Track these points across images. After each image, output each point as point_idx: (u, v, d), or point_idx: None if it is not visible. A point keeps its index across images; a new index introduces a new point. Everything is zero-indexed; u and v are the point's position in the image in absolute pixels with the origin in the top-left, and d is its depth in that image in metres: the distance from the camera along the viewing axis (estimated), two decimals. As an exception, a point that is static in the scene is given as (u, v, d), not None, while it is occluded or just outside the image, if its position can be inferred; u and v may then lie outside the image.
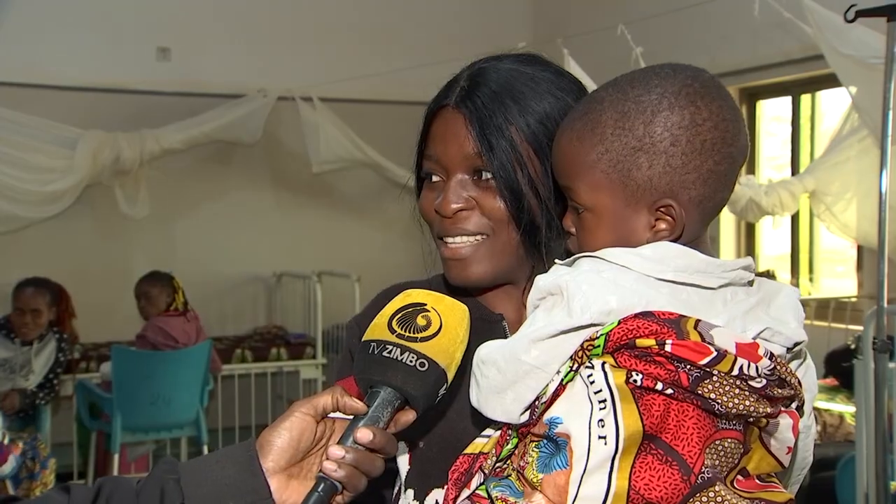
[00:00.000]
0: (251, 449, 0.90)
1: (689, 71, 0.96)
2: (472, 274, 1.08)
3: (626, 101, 0.94)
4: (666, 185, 0.93)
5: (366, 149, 5.88)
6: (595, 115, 0.95)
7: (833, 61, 3.70)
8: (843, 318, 5.00)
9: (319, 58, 6.32)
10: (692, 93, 0.93)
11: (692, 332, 0.87)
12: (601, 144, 0.94)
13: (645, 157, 0.93)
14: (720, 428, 0.88)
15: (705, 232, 0.98)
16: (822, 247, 5.64)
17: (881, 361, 3.04)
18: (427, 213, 1.11)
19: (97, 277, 5.84)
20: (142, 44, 6.06)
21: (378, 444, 0.90)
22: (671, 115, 0.92)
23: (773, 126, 5.96)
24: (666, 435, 0.86)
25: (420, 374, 0.92)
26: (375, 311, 0.99)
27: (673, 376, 0.86)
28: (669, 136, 0.92)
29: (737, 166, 0.96)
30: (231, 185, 6.40)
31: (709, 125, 0.92)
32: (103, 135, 5.17)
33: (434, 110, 1.10)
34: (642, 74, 0.96)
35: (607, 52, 4.52)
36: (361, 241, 6.55)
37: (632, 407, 0.86)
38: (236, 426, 5.55)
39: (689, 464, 0.86)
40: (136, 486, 0.89)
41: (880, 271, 3.06)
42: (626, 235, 0.95)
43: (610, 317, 0.89)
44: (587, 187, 0.96)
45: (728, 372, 0.86)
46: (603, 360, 0.88)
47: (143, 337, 4.73)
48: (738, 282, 0.94)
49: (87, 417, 4.76)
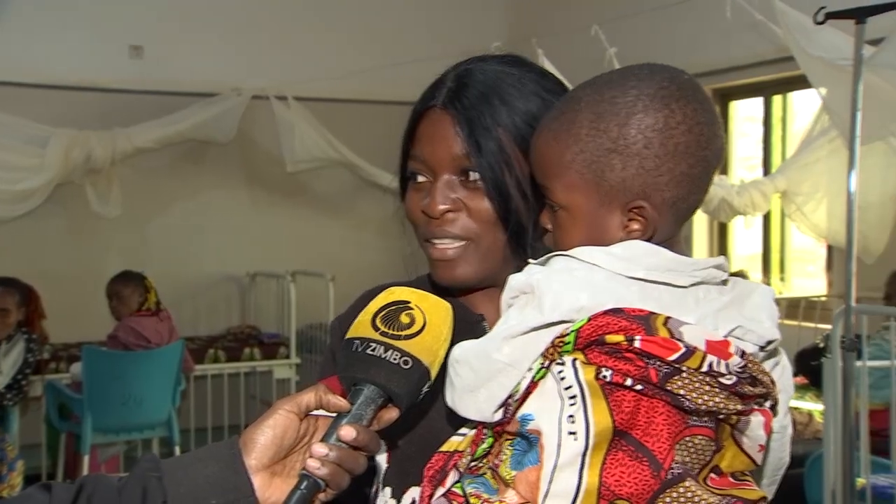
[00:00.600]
0: (234, 446, 0.90)
1: (666, 73, 0.96)
2: (460, 275, 1.08)
3: (601, 102, 0.94)
4: (639, 186, 0.93)
5: (340, 148, 5.87)
6: (571, 116, 0.96)
7: (803, 63, 3.73)
8: (813, 317, 5.05)
9: (294, 57, 6.29)
10: (667, 95, 0.93)
11: (661, 328, 0.87)
12: (576, 145, 0.95)
13: (619, 158, 0.93)
14: (690, 424, 0.88)
15: (679, 232, 0.98)
16: (793, 246, 5.70)
17: (849, 360, 3.08)
18: (413, 214, 1.10)
19: (68, 277, 5.78)
20: (114, 42, 6.01)
21: (361, 441, 0.90)
22: (645, 117, 0.93)
23: (746, 126, 6.01)
24: (636, 431, 0.87)
25: (404, 371, 0.91)
26: (359, 311, 0.99)
27: (642, 372, 0.86)
28: (643, 139, 0.92)
29: (711, 169, 0.96)
30: (205, 185, 6.36)
31: (682, 128, 0.93)
32: (75, 133, 5.12)
33: (421, 111, 1.10)
34: (620, 75, 0.97)
35: (581, 52, 4.53)
36: (336, 241, 6.53)
37: (602, 403, 0.86)
38: (209, 426, 5.52)
39: (658, 459, 0.86)
40: (118, 483, 0.88)
41: (848, 271, 3.09)
42: (599, 234, 0.96)
43: (580, 314, 0.89)
44: (562, 187, 0.97)
45: (697, 368, 0.86)
46: (574, 357, 0.89)
47: (115, 337, 4.69)
48: (710, 280, 0.94)
49: (56, 418, 4.71)
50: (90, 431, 4.43)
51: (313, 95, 5.97)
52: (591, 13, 5.44)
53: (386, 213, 1.19)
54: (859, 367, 3.16)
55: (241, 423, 5.64)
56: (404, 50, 6.26)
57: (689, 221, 1.02)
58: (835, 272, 5.19)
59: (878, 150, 3.96)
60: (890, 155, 4.11)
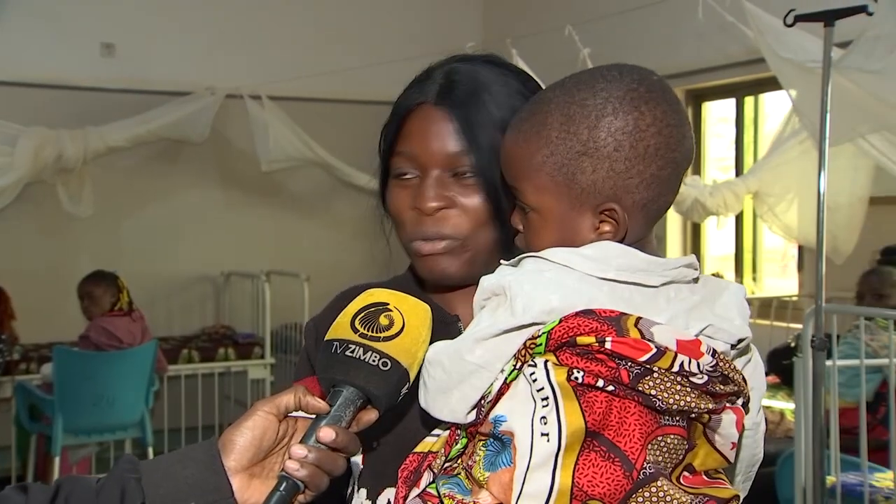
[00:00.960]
0: (213, 448, 0.90)
1: (635, 74, 0.96)
2: (446, 270, 1.07)
3: (571, 105, 0.94)
4: (609, 189, 0.94)
5: (315, 148, 5.85)
6: (541, 117, 0.96)
7: (774, 65, 3.75)
8: (785, 316, 5.11)
9: (268, 56, 6.26)
10: (636, 97, 0.93)
11: (632, 329, 0.88)
12: (547, 147, 0.95)
13: (589, 161, 0.93)
14: (662, 424, 0.89)
15: (650, 232, 0.98)
16: (766, 247, 5.75)
17: (819, 359, 3.11)
18: (399, 211, 1.09)
19: (39, 277, 5.71)
20: (85, 39, 5.93)
21: (340, 443, 0.90)
22: (615, 120, 0.93)
23: (718, 127, 6.06)
24: (608, 431, 0.87)
25: (382, 373, 0.92)
26: (334, 312, 0.99)
27: (614, 373, 0.87)
28: (613, 142, 0.93)
29: (681, 170, 0.96)
30: (178, 184, 6.31)
31: (652, 131, 0.93)
32: (46, 132, 5.05)
33: (410, 107, 1.08)
34: (589, 76, 0.97)
35: (555, 53, 4.55)
36: (311, 241, 6.51)
37: (574, 404, 0.87)
38: (182, 427, 5.47)
39: (630, 460, 0.87)
40: (96, 485, 0.88)
41: (818, 271, 3.12)
42: (570, 236, 0.96)
43: (551, 315, 0.89)
44: (533, 189, 0.97)
45: (668, 368, 0.87)
46: (545, 359, 0.89)
47: (87, 337, 4.64)
48: (680, 279, 0.94)
49: (26, 420, 4.65)
50: (61, 433, 4.38)
51: (288, 95, 5.94)
52: (565, 14, 5.47)
53: (361, 214, 1.18)
54: (829, 367, 3.20)
55: (215, 423, 5.61)
56: (379, 49, 6.25)
57: (662, 222, 1.03)
58: (806, 272, 5.24)
59: (847, 151, 4.00)
60: (858, 156, 4.16)
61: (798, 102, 3.77)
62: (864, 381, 3.27)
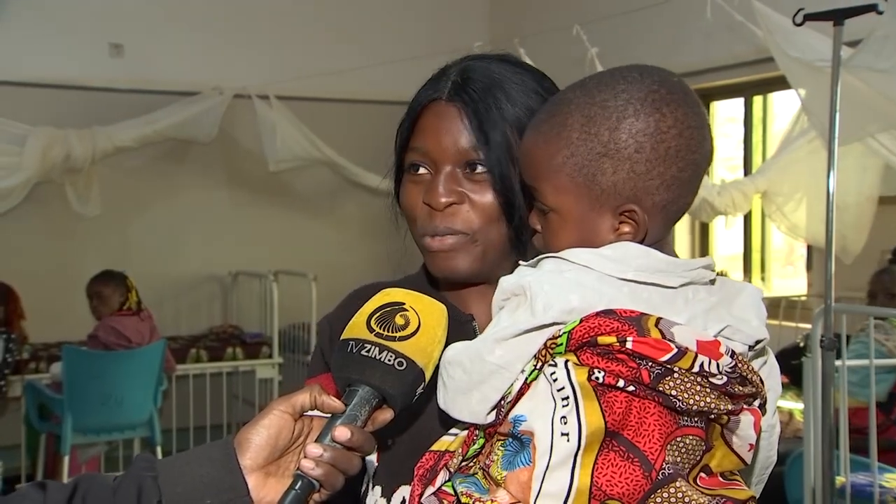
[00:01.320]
0: (229, 446, 0.90)
1: (656, 75, 0.95)
2: (458, 267, 1.07)
3: (592, 106, 0.94)
4: (630, 190, 0.93)
5: (323, 147, 5.85)
6: (562, 118, 0.96)
7: (783, 64, 3.74)
8: (794, 316, 5.09)
9: (276, 56, 6.26)
10: (658, 99, 0.93)
11: (653, 329, 0.88)
12: (567, 148, 0.95)
13: (610, 162, 0.93)
14: (682, 425, 0.89)
15: (669, 234, 0.99)
16: (774, 246, 5.73)
17: (828, 359, 3.10)
18: (412, 206, 1.09)
19: (48, 277, 5.72)
20: (94, 39, 5.94)
21: (356, 442, 0.90)
22: (636, 121, 0.92)
23: (727, 127, 6.04)
24: (628, 431, 0.87)
25: (398, 373, 0.92)
26: (347, 310, 0.99)
27: (634, 373, 0.87)
28: (634, 143, 0.92)
29: (701, 172, 0.96)
30: (186, 184, 6.32)
31: (673, 132, 0.93)
32: (54, 131, 5.06)
33: (424, 103, 1.09)
34: (610, 77, 0.96)
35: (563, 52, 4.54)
36: (318, 240, 6.51)
37: (594, 404, 0.87)
38: (191, 427, 5.48)
39: (650, 460, 0.87)
40: (113, 483, 0.88)
41: (828, 271, 3.11)
42: (590, 237, 0.96)
43: (572, 315, 0.89)
44: (552, 189, 0.96)
45: (689, 369, 0.87)
46: (566, 359, 0.89)
47: (95, 337, 4.65)
48: (699, 280, 0.95)
49: (36, 419, 4.67)
50: (70, 432, 4.39)
51: (295, 94, 5.94)
52: (573, 13, 5.45)
53: (369, 213, 1.19)
54: (839, 367, 3.19)
55: (223, 423, 5.62)
56: (387, 49, 6.25)
57: (671, 221, 1.02)
58: (815, 272, 5.22)
59: (856, 150, 3.99)
60: (868, 156, 4.14)
61: (807, 102, 3.76)
62: (873, 381, 3.25)
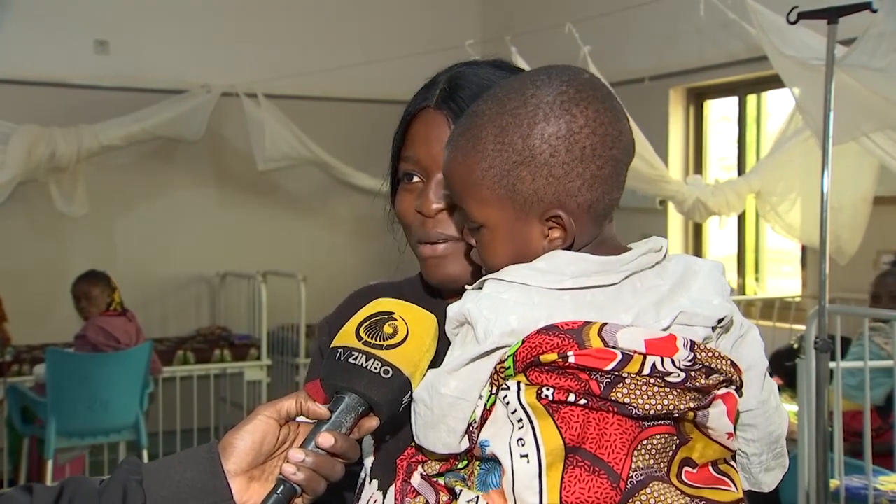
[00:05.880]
0: (213, 451, 0.92)
1: (564, 76, 0.95)
2: (452, 273, 1.09)
3: (503, 115, 0.94)
4: (552, 195, 0.93)
5: (312, 146, 5.81)
6: (476, 132, 0.95)
7: (777, 62, 3.72)
8: (788, 317, 5.06)
9: (264, 53, 6.23)
10: (567, 100, 0.92)
11: (595, 339, 0.87)
12: (484, 161, 0.94)
13: (527, 170, 0.93)
14: (646, 427, 0.88)
15: (606, 228, 0.97)
16: (769, 247, 5.70)
17: (822, 361, 3.07)
18: (406, 214, 1.12)
19: (31, 278, 5.69)
20: (79, 36, 5.91)
21: (339, 449, 0.92)
22: (547, 125, 0.92)
23: (720, 126, 6.01)
24: (589, 445, 0.87)
25: (384, 381, 0.94)
26: (346, 311, 1.01)
27: (584, 386, 0.86)
28: (548, 148, 0.92)
29: (622, 166, 0.96)
30: (173, 183, 6.28)
31: (586, 132, 0.92)
32: (38, 129, 5.02)
33: (413, 112, 1.11)
34: (519, 84, 0.96)
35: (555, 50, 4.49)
36: (307, 241, 6.48)
37: (548, 422, 0.86)
38: (177, 430, 5.43)
39: (616, 471, 0.86)
40: (99, 486, 0.90)
41: (822, 271, 3.08)
42: (522, 247, 0.96)
43: (513, 337, 0.89)
44: (476, 204, 0.96)
45: (639, 372, 0.86)
46: (517, 380, 0.89)
47: (84, 337, 4.61)
48: (644, 267, 0.94)
49: (19, 422, 4.61)
50: (54, 435, 4.34)
51: (284, 93, 5.92)
52: (566, 11, 5.41)
53: (359, 213, 1.17)
54: (843, 368, 3.17)
55: (210, 426, 5.56)
56: (377, 47, 6.22)
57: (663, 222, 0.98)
58: (809, 273, 5.20)
59: (852, 150, 3.96)
60: (862, 155, 4.11)
61: (801, 100, 3.74)
62: (867, 384, 3.22)
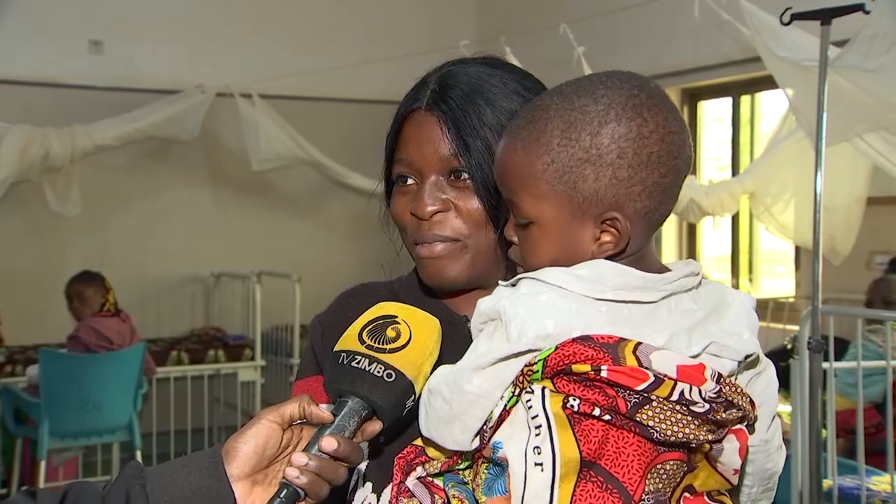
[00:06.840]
0: (216, 455, 0.92)
1: (634, 80, 0.94)
2: (449, 275, 1.08)
3: (572, 111, 0.93)
4: (612, 197, 0.92)
5: (307, 147, 5.80)
6: (541, 125, 0.94)
7: (770, 63, 3.72)
8: (782, 318, 5.07)
9: (259, 54, 6.22)
10: (639, 104, 0.92)
11: (630, 356, 0.85)
12: (547, 155, 0.93)
13: (591, 168, 0.91)
14: (662, 451, 0.87)
15: (650, 242, 0.96)
16: (763, 247, 5.71)
17: (815, 361, 3.08)
18: (401, 216, 1.11)
19: (25, 279, 5.67)
20: (73, 36, 5.89)
21: (342, 452, 0.92)
22: (618, 126, 0.91)
23: (714, 127, 6.02)
24: (605, 461, 0.85)
25: (387, 384, 0.93)
26: (338, 310, 1.03)
27: (611, 402, 0.85)
28: (616, 148, 0.91)
29: (681, 178, 0.95)
30: (168, 183, 6.27)
31: (655, 137, 0.91)
32: (32, 130, 5.00)
33: (404, 114, 1.10)
34: (588, 83, 0.95)
35: (550, 51, 4.51)
36: (302, 241, 6.47)
37: (568, 434, 0.85)
38: (171, 430, 5.41)
39: (629, 491, 0.85)
40: (102, 490, 0.91)
41: (815, 272, 3.09)
42: (570, 248, 0.94)
43: (547, 341, 0.87)
44: (532, 199, 0.94)
45: (667, 397, 0.85)
46: (543, 385, 0.88)
47: (77, 337, 4.59)
48: (681, 290, 0.93)
49: (11, 423, 4.60)
50: (47, 436, 4.32)
51: (278, 93, 5.90)
52: (560, 12, 5.42)
53: (353, 213, 1.17)
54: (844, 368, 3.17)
55: (204, 426, 5.55)
56: (371, 48, 6.21)
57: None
58: (802, 273, 5.21)
59: (845, 151, 3.96)
60: (856, 156, 4.12)
61: (795, 101, 3.74)
62: (860, 384, 3.23)
